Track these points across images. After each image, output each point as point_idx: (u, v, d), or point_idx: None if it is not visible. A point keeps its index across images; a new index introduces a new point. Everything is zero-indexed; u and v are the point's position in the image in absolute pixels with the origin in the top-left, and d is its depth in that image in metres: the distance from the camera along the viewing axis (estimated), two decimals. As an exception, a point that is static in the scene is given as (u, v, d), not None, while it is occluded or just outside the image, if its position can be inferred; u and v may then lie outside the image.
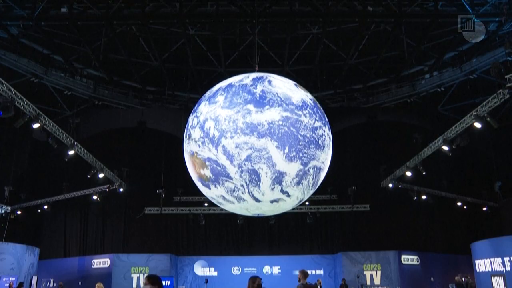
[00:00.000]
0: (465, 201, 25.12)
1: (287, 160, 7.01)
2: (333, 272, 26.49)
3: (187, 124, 8.13)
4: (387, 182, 23.49)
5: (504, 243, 19.56)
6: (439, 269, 25.52)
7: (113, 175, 22.61)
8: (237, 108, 6.98)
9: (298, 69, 23.44)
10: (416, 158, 20.51)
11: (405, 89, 23.84)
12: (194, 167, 7.74)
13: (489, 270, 20.08)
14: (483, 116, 14.96)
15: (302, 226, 27.36)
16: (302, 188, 7.91)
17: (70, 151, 17.86)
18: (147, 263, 24.80)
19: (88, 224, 28.11)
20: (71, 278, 24.08)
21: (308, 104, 7.75)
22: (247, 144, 6.80)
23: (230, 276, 26.73)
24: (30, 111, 15.14)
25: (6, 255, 18.79)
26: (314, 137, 7.51)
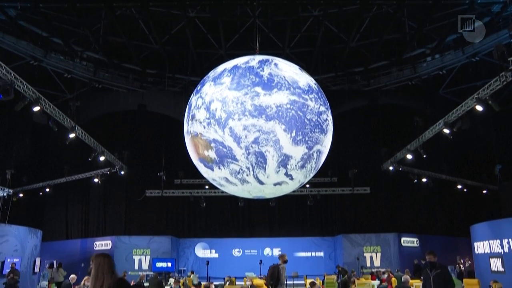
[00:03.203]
0: (465, 184, 25.24)
1: (294, 144, 7.02)
2: (333, 254, 26.76)
3: (189, 105, 8.08)
4: (387, 165, 23.55)
5: (503, 226, 19.72)
6: (438, 251, 25.66)
7: (114, 158, 22.63)
8: (245, 90, 6.94)
9: (299, 52, 23.30)
10: (417, 141, 20.51)
11: (406, 72, 23.75)
12: (196, 148, 7.71)
13: (487, 252, 20.28)
14: (485, 99, 14.91)
15: (302, 209, 27.52)
16: (305, 171, 7.96)
17: (70, 134, 17.82)
18: (148, 245, 25.02)
19: (90, 207, 28.28)
20: (74, 260, 24.31)
21: (313, 88, 7.76)
22: (255, 126, 6.78)
23: (231, 258, 27.00)
24: (30, 94, 15.06)
25: (9, 237, 18.89)
26: (319, 122, 7.54)
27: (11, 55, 19.66)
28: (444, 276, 7.43)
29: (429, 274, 7.50)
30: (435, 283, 7.37)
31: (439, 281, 7.36)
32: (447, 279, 7.45)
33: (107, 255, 4.23)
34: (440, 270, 7.47)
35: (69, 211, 28.39)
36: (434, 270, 7.48)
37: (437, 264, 7.59)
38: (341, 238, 25.34)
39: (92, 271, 4.07)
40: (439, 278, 7.39)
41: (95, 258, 4.19)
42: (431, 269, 7.54)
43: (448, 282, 7.44)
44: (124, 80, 24.51)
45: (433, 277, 7.41)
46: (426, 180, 23.73)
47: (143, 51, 23.30)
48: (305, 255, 26.74)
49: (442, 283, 7.35)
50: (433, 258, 7.61)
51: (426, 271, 7.62)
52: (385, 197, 26.46)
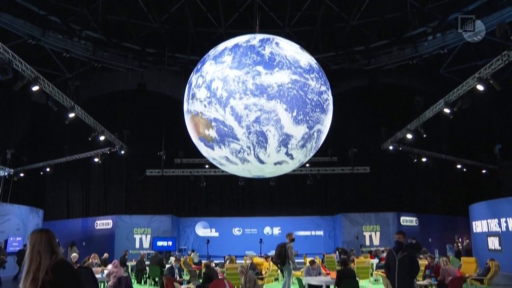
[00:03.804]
0: (464, 163, 25.32)
1: (295, 123, 7.02)
2: (333, 233, 27.01)
3: (189, 83, 8.04)
4: (387, 144, 23.58)
5: (501, 205, 19.89)
6: (437, 231, 26.04)
7: (114, 138, 22.64)
8: (246, 69, 6.91)
9: (299, 31, 23.07)
10: (417, 121, 20.51)
11: (407, 51, 23.54)
12: (197, 127, 7.71)
13: (485, 231, 20.51)
14: (486, 78, 14.84)
15: (302, 188, 27.67)
16: (305, 151, 7.99)
17: (70, 113, 17.78)
18: (149, 224, 25.22)
19: (90, 186, 28.43)
20: (75, 239, 24.48)
21: (314, 68, 7.73)
22: (257, 105, 6.77)
23: (231, 236, 27.25)
24: (29, 74, 14.97)
25: (11, 216, 19.04)
26: (320, 101, 7.53)
27: (8, 34, 19.42)
28: (410, 259, 6.88)
29: (394, 256, 6.94)
30: (399, 267, 6.81)
31: (404, 265, 6.80)
32: (413, 263, 6.92)
33: (46, 230, 3.42)
34: (406, 252, 6.90)
35: (70, 190, 28.56)
36: (400, 252, 6.91)
37: (404, 246, 7.04)
38: (340, 217, 25.54)
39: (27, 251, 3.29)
40: (405, 261, 6.82)
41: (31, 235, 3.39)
42: (397, 250, 6.97)
43: (414, 266, 6.93)
44: (123, 59, 24.33)
45: (398, 260, 6.85)
46: (426, 159, 23.80)
47: (142, 30, 23.07)
48: (304, 234, 26.98)
49: (407, 267, 6.80)
50: (401, 238, 7.08)
51: (392, 253, 7.07)
52: (385, 176, 26.58)
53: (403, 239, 7.07)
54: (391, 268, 6.94)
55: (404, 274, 6.75)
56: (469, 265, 14.06)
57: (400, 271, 6.77)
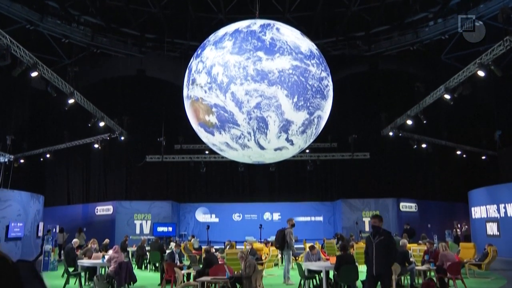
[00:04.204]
0: (464, 150, 25.35)
1: (295, 109, 7.00)
2: (333, 219, 27.14)
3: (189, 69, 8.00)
4: (387, 130, 23.57)
5: (500, 191, 19.97)
6: (436, 216, 26.19)
7: (114, 124, 22.62)
8: (247, 55, 6.86)
9: (299, 16, 22.91)
10: (417, 107, 20.48)
11: (408, 36, 23.42)
12: (197, 113, 7.69)
13: (484, 217, 20.62)
14: (487, 64, 14.78)
15: (302, 174, 27.75)
16: (305, 137, 7.99)
17: (69, 99, 17.75)
18: (149, 210, 25.32)
19: (90, 172, 28.50)
20: (76, 225, 24.60)
21: (315, 54, 7.70)
22: (257, 91, 6.74)
23: (231, 222, 27.38)
24: (28, 59, 14.90)
25: (12, 202, 19.09)
26: (320, 87, 7.52)
27: (6, 19, 19.25)
28: (387, 243, 6.67)
29: (371, 240, 6.76)
30: (377, 251, 6.62)
31: (381, 249, 6.61)
32: (391, 247, 6.74)
33: None
34: (383, 237, 6.69)
35: (70, 176, 28.64)
36: (377, 236, 6.71)
37: (381, 230, 6.81)
38: (340, 203, 25.64)
39: None
40: (382, 245, 6.62)
41: None
42: (374, 235, 6.79)
43: (392, 249, 6.75)
44: (122, 45, 24.20)
45: (375, 244, 6.67)
46: (425, 145, 23.81)
47: (141, 16, 22.90)
48: (304, 220, 27.10)
49: (384, 251, 6.61)
50: (377, 222, 6.88)
51: (369, 238, 6.89)
52: (385, 162, 26.62)
53: (379, 223, 6.86)
54: (369, 253, 6.77)
55: (382, 258, 6.60)
56: (468, 250, 14.17)
57: (377, 255, 6.60)
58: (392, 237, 6.95)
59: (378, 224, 6.82)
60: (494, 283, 11.15)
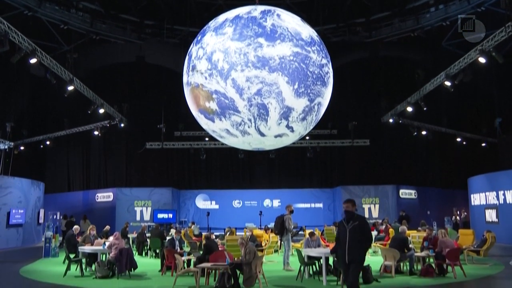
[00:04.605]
0: (464, 137, 25.32)
1: (296, 96, 6.98)
2: (332, 206, 27.22)
3: (188, 55, 7.95)
4: (387, 117, 23.53)
5: (500, 178, 20.01)
6: (435, 203, 26.27)
7: (114, 111, 22.56)
8: (248, 41, 6.82)
9: (299, 2, 22.74)
10: (418, 94, 20.41)
11: (409, 23, 23.25)
12: (197, 99, 7.65)
13: (483, 204, 20.69)
14: (488, 50, 14.69)
15: (302, 160, 27.77)
16: (305, 124, 7.98)
17: (69, 86, 17.68)
18: (149, 196, 25.39)
19: (91, 159, 28.52)
20: (77, 211, 24.67)
21: (315, 41, 7.65)
22: (258, 78, 6.71)
23: (231, 209, 27.48)
24: (26, 46, 14.79)
25: (13, 189, 19.14)
26: (321, 74, 7.49)
27: (4, 5, 19.04)
28: (361, 229, 6.27)
29: (345, 226, 6.33)
30: (351, 237, 6.21)
31: (355, 235, 6.21)
32: (365, 233, 6.34)
33: None
34: (357, 222, 6.28)
35: (70, 163, 28.66)
36: (351, 222, 6.29)
37: (355, 215, 6.41)
38: (340, 189, 25.69)
39: None
40: (355, 231, 6.21)
41: None
42: (347, 220, 6.35)
43: (366, 236, 6.35)
44: (121, 31, 24.04)
45: (349, 230, 6.24)
46: (425, 132, 23.78)
47: (140, 2, 22.73)
48: (304, 207, 27.20)
49: (358, 237, 6.21)
50: (350, 207, 6.42)
51: (342, 223, 6.46)
52: (385, 149, 26.62)
53: (352, 208, 6.41)
54: (342, 240, 6.35)
55: (355, 245, 6.19)
56: (467, 237, 14.21)
57: (351, 242, 6.18)
58: (367, 223, 6.54)
59: (351, 209, 6.40)
60: (492, 269, 11.21)
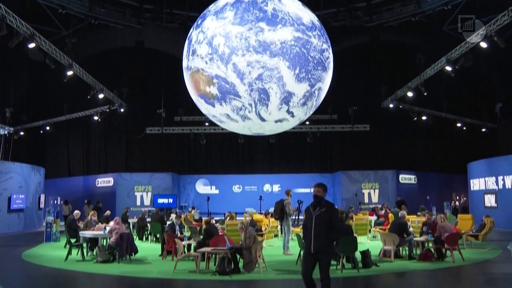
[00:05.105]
0: (464, 122, 25.28)
1: (297, 81, 6.96)
2: (332, 191, 27.28)
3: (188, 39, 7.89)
4: (388, 102, 23.47)
5: (499, 163, 20.05)
6: (435, 188, 26.36)
7: (113, 96, 22.48)
8: (249, 25, 6.77)
9: (300, -14, 22.51)
10: (418, 79, 20.32)
11: (410, 7, 23.07)
12: (197, 84, 7.62)
13: (482, 189, 20.77)
14: (490, 35, 14.58)
15: (302, 145, 27.79)
16: (306, 109, 7.97)
17: (68, 71, 17.57)
18: (149, 181, 25.45)
19: (91, 145, 28.53)
20: (77, 197, 24.82)
21: (316, 25, 7.60)
22: (259, 62, 6.68)
23: (231, 194, 27.58)
24: (24, 30, 14.68)
25: (13, 174, 19.18)
26: (321, 59, 7.46)
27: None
28: (329, 216, 5.63)
29: (311, 212, 5.70)
30: (317, 225, 5.57)
31: (322, 223, 5.57)
32: (333, 220, 5.69)
33: None
34: (325, 208, 5.64)
35: (71, 149, 28.68)
36: (318, 208, 5.66)
37: (323, 201, 5.75)
38: (340, 174, 25.75)
39: None
40: (322, 218, 5.58)
41: None
42: (315, 206, 5.71)
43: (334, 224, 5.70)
44: (121, 16, 23.86)
45: (315, 217, 5.62)
46: (425, 118, 23.73)
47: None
48: (304, 191, 27.24)
49: (325, 225, 5.57)
50: (321, 192, 5.77)
51: (309, 209, 5.80)
52: (385, 134, 26.63)
53: (323, 193, 5.77)
54: (308, 227, 5.71)
55: (322, 234, 5.56)
56: (465, 221, 14.29)
57: (317, 230, 5.57)
58: (335, 210, 5.94)
59: (322, 194, 5.75)
60: (490, 253, 11.30)
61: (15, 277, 8.91)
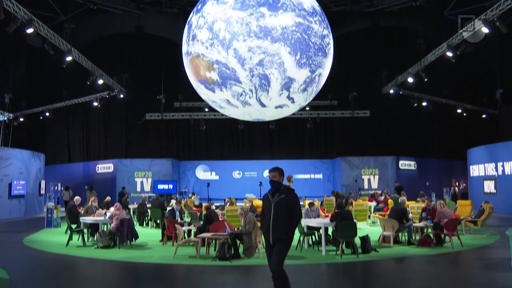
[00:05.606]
0: (465, 108, 25.23)
1: (298, 67, 6.92)
2: (332, 177, 27.37)
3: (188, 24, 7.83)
4: (388, 88, 23.40)
5: (499, 149, 20.08)
6: (435, 174, 26.42)
7: (113, 82, 22.39)
8: (250, 10, 6.70)
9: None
10: (419, 64, 20.23)
11: (411, -9, 22.87)
12: (197, 69, 7.57)
13: (482, 175, 20.83)
14: (492, 20, 14.47)
15: (302, 131, 27.79)
16: (306, 94, 7.95)
17: (67, 57, 17.47)
18: (149, 167, 25.49)
19: (90, 131, 28.53)
20: (77, 183, 24.89)
21: (317, 11, 7.54)
22: (260, 48, 6.63)
23: (231, 179, 27.63)
24: (22, 15, 14.55)
25: (13, 160, 19.20)
26: (322, 45, 7.42)
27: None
28: (289, 203, 5.13)
29: (270, 200, 5.18)
30: (276, 213, 5.08)
31: (281, 211, 5.08)
32: (293, 208, 5.17)
33: None
34: (285, 195, 5.14)
35: (70, 135, 28.68)
36: (277, 195, 5.15)
37: (282, 187, 5.24)
38: (340, 160, 25.78)
39: None
40: (281, 206, 5.09)
41: None
42: (273, 193, 5.20)
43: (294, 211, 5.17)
44: (120, 1, 23.64)
45: (274, 204, 5.11)
46: (426, 104, 23.67)
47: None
48: (304, 177, 27.34)
49: (285, 213, 5.09)
50: (277, 176, 5.23)
51: (267, 196, 5.28)
52: (385, 120, 26.58)
53: (279, 178, 5.24)
54: (266, 216, 5.20)
55: (281, 222, 5.06)
56: (465, 207, 14.35)
57: (276, 218, 5.07)
58: (296, 197, 5.33)
59: (279, 179, 5.22)
60: (488, 239, 11.37)
61: (17, 262, 8.97)
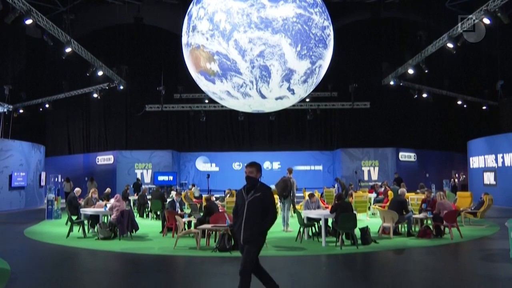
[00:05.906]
0: (465, 99, 25.20)
1: (298, 58, 6.90)
2: (332, 168, 27.39)
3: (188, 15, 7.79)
4: (388, 79, 23.35)
5: (499, 141, 20.08)
6: (435, 166, 26.44)
7: (113, 73, 22.34)
8: (251, 1, 6.66)
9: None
10: (419, 56, 20.18)
11: (412, -18, 22.74)
12: (198, 60, 7.55)
13: (482, 167, 20.85)
14: (494, 11, 14.40)
15: (302, 123, 27.79)
16: (306, 86, 7.94)
17: (66, 48, 17.42)
18: (150, 159, 25.50)
19: (90, 122, 28.50)
20: (78, 174, 24.91)
21: (318, 2, 7.51)
22: (261, 39, 6.60)
23: (231, 171, 27.66)
24: (20, 6, 14.49)
25: (13, 151, 19.19)
26: (323, 36, 7.39)
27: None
28: (263, 202, 4.76)
29: (244, 197, 4.83)
30: (249, 211, 4.73)
31: (254, 209, 4.73)
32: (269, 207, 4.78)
33: None
34: (260, 193, 4.76)
35: (70, 126, 28.67)
36: (252, 192, 4.79)
37: (258, 184, 4.86)
38: (340, 152, 25.79)
39: None
40: (255, 204, 4.74)
41: None
42: (248, 190, 4.85)
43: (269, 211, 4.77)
44: (119, -9, 23.50)
45: (248, 202, 4.76)
46: (426, 95, 23.64)
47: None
48: (304, 169, 27.37)
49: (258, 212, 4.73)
50: (254, 172, 4.89)
51: (241, 193, 4.92)
52: (385, 112, 26.56)
53: (256, 174, 4.91)
54: (239, 213, 4.87)
55: (253, 222, 4.72)
56: (464, 199, 14.37)
57: (249, 217, 4.73)
58: (272, 195, 4.91)
59: (255, 174, 4.89)
60: (487, 230, 11.39)
61: (18, 253, 9.00)
